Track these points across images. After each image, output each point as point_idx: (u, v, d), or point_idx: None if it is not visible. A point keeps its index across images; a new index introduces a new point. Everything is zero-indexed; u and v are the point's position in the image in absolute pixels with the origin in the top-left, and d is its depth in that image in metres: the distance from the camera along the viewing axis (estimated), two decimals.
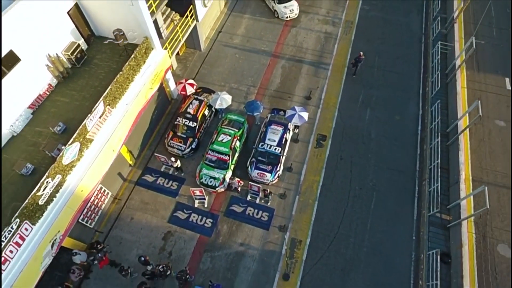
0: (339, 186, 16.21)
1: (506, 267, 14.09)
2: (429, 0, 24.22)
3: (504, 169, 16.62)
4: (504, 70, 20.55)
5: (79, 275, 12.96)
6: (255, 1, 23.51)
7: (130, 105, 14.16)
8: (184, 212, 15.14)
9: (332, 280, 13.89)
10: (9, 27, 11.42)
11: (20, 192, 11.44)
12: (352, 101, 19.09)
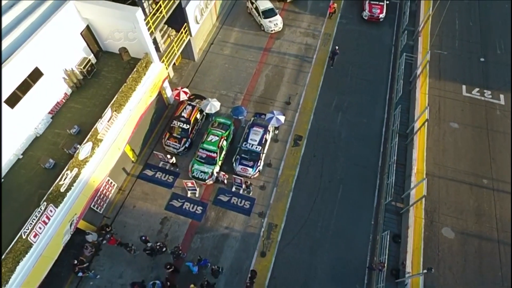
0: (311, 179, 18.92)
1: (447, 246, 16.85)
2: (400, 14, 27.03)
3: (453, 165, 19.38)
4: (462, 78, 23.29)
5: (91, 251, 15.70)
6: (244, 15, 26.22)
7: (133, 110, 16.87)
8: (179, 201, 17.88)
9: (302, 256, 16.61)
10: (34, 49, 14.12)
11: (44, 182, 14.11)
12: (326, 106, 21.80)
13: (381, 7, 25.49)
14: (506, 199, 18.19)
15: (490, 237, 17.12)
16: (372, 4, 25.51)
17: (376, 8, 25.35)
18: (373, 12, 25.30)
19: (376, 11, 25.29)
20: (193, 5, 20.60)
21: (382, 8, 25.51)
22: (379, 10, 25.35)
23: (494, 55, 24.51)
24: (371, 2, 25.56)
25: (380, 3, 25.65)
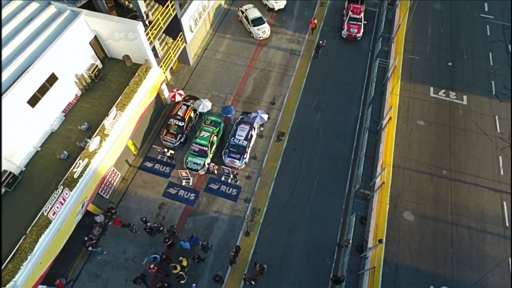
0: (291, 170, 21.48)
1: (407, 227, 19.47)
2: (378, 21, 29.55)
3: (417, 158, 22.03)
4: (431, 80, 25.88)
5: (99, 230, 18.28)
6: (235, 23, 28.77)
7: (135, 109, 19.42)
8: (174, 189, 20.45)
9: (281, 236, 19.16)
10: (52, 58, 16.68)
11: (60, 170, 16.63)
12: (307, 105, 24.36)
13: (358, 26, 27.37)
14: (461, 187, 20.82)
15: (444, 219, 19.73)
16: (350, 24, 27.42)
17: (354, 27, 27.31)
18: (351, 31, 27.30)
19: (354, 30, 27.29)
20: (188, 16, 23.16)
21: (360, 28, 27.39)
22: (357, 30, 27.29)
23: (461, 60, 27.09)
24: (350, 22, 27.46)
25: (358, 23, 27.49)
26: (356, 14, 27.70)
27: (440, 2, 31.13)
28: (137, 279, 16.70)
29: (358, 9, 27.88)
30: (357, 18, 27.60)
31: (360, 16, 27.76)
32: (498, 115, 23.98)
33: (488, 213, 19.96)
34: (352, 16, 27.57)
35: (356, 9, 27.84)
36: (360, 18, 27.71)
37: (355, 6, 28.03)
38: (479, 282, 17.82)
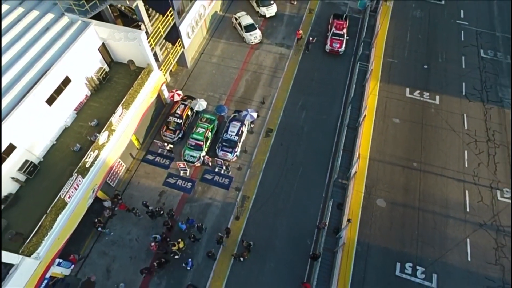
0: (278, 163, 23.97)
1: (379, 212, 21.94)
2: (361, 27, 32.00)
3: (391, 152, 24.50)
4: (407, 82, 28.34)
5: (109, 213, 20.83)
6: (229, 29, 31.26)
7: (138, 108, 21.93)
8: (173, 179, 22.96)
9: (267, 220, 21.65)
10: (66, 63, 19.16)
11: (73, 160, 19.09)
12: (294, 105, 26.84)
13: (341, 42, 29.20)
14: (429, 177, 23.32)
15: (412, 205, 22.22)
16: (333, 39, 29.26)
17: (336, 42, 29.16)
18: (333, 46, 29.14)
19: (336, 45, 29.13)
20: (186, 24, 25.66)
21: (342, 43, 29.19)
22: (339, 45, 29.12)
23: (436, 63, 29.56)
24: (333, 37, 29.35)
25: (340, 38, 29.35)
26: (339, 30, 29.71)
27: (420, 9, 33.64)
28: (143, 270, 19.13)
29: (341, 25, 29.97)
30: (340, 34, 29.55)
31: (342, 32, 29.67)
32: (467, 113, 26.46)
33: (452, 200, 22.46)
34: (335, 32, 29.58)
35: (339, 25, 29.95)
36: (342, 34, 29.61)
37: (338, 22, 30.17)
38: (440, 260, 20.31)
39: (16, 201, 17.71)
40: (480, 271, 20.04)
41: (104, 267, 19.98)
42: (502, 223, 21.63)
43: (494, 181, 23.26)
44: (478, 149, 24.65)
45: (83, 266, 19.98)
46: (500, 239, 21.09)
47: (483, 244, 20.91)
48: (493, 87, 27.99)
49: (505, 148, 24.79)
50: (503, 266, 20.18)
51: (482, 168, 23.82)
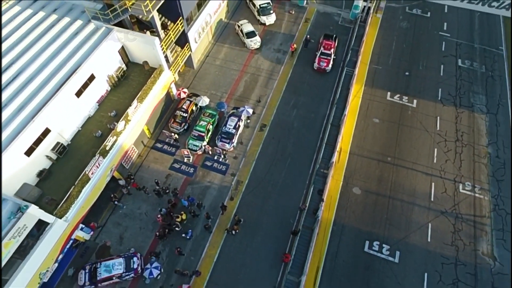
0: (269, 153, 27.49)
1: (355, 199, 25.33)
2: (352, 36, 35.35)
3: (369, 147, 27.84)
4: (389, 86, 31.66)
5: (126, 191, 24.57)
6: (232, 35, 34.91)
7: (150, 102, 25.65)
8: (178, 164, 26.63)
9: (257, 201, 25.18)
10: (92, 62, 22.96)
11: (95, 144, 22.87)
12: (286, 104, 30.33)
13: (328, 61, 31.55)
14: (400, 170, 26.64)
15: (384, 194, 25.57)
16: (321, 58, 31.69)
17: (323, 61, 31.58)
18: (320, 64, 31.56)
19: (323, 64, 31.55)
20: (193, 31, 29.36)
21: (329, 62, 31.52)
22: (326, 64, 31.51)
23: (417, 71, 32.84)
24: (320, 56, 31.80)
25: (327, 57, 31.70)
26: (327, 50, 32.13)
27: (407, 21, 36.94)
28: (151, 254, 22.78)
29: (329, 46, 32.38)
30: (327, 54, 31.95)
31: (330, 52, 32.00)
32: (440, 116, 29.71)
33: (419, 190, 25.76)
34: (323, 51, 32.01)
35: (327, 46, 32.37)
36: (330, 53, 31.93)
37: (327, 42, 32.58)
38: (404, 240, 23.66)
39: (49, 175, 21.55)
40: (437, 250, 23.34)
41: (117, 235, 23.72)
42: (461, 211, 24.89)
43: (458, 175, 26.51)
44: (447, 148, 27.90)
45: (100, 233, 23.75)
46: (457, 224, 24.36)
47: (442, 228, 24.20)
48: (466, 94, 31.18)
49: (471, 147, 28.00)
50: (458, 247, 23.46)
51: (449, 164, 27.08)
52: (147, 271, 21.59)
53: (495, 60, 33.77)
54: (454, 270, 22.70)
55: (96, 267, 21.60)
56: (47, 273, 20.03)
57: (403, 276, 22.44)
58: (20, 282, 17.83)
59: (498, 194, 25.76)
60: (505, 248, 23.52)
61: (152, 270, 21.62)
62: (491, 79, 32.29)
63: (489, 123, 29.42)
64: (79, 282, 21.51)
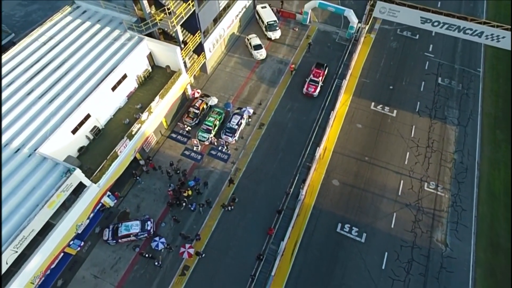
0: (265, 148, 32.61)
1: (333, 189, 30.13)
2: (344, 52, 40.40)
3: (351, 148, 32.60)
4: (374, 98, 36.44)
5: (146, 169, 30.15)
6: (242, 47, 40.52)
7: (169, 99, 31.28)
8: (188, 151, 32.08)
9: (252, 186, 30.24)
10: (126, 65, 28.77)
11: (124, 130, 28.53)
12: (283, 107, 35.50)
13: (315, 87, 35.28)
14: (375, 169, 31.30)
15: (358, 187, 30.25)
16: (309, 84, 35.49)
17: (311, 87, 35.34)
18: (308, 90, 35.38)
19: (311, 89, 35.30)
20: (209, 42, 35.08)
21: (316, 88, 35.24)
22: (313, 89, 35.25)
23: (400, 85, 37.55)
24: (309, 83, 35.58)
25: (315, 84, 35.41)
26: (316, 77, 35.79)
27: (396, 41, 41.81)
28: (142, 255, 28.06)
29: (318, 74, 36.05)
30: (316, 81, 35.63)
31: (318, 79, 35.61)
32: (415, 125, 34.27)
33: (389, 186, 30.33)
34: (312, 79, 35.79)
35: (316, 74, 36.07)
36: (318, 80, 35.56)
37: (317, 70, 36.25)
38: (370, 224, 28.24)
39: (86, 151, 27.28)
40: (398, 235, 27.82)
41: (135, 204, 29.19)
42: (423, 205, 29.31)
43: (424, 176, 30.98)
44: (418, 152, 32.42)
45: (122, 202, 29.28)
46: (418, 215, 28.79)
47: (405, 218, 28.68)
48: (442, 108, 35.68)
49: (439, 153, 32.44)
50: (416, 234, 27.88)
51: (418, 166, 31.57)
52: (154, 243, 26.59)
53: (471, 79, 38.17)
54: (410, 252, 27.12)
55: (118, 226, 27.09)
56: (81, 226, 25.58)
57: (367, 253, 27.01)
58: (63, 227, 23.39)
59: (457, 193, 30.08)
60: (456, 237, 27.80)
61: (159, 243, 26.73)
62: (465, 96, 36.71)
63: (459, 133, 33.81)
64: (103, 237, 27.01)
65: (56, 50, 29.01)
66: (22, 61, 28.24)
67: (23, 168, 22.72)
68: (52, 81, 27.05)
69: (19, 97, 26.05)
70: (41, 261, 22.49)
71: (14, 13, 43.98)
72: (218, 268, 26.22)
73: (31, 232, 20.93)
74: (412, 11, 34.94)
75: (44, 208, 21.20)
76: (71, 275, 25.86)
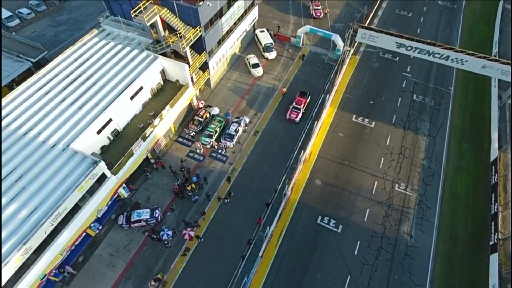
0: (259, 151, 37.70)
1: (315, 187, 34.94)
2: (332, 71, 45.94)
3: (333, 153, 37.55)
4: (355, 111, 41.63)
5: (156, 166, 35.28)
6: (242, 65, 46.32)
7: (177, 108, 36.76)
8: (192, 153, 37.27)
9: (246, 183, 35.14)
10: (142, 79, 34.43)
11: (139, 133, 33.85)
12: (276, 118, 40.77)
13: (297, 114, 39.40)
14: (353, 171, 36.09)
15: (338, 186, 35.00)
16: (292, 111, 39.80)
17: (293, 114, 39.54)
18: (291, 116, 39.46)
19: (293, 116, 39.42)
20: (213, 61, 40.87)
21: (298, 114, 39.35)
22: (295, 116, 39.40)
23: (379, 101, 42.76)
24: (292, 109, 39.88)
25: (297, 111, 39.58)
26: (298, 105, 40.04)
27: (378, 62, 47.36)
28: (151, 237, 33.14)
29: (300, 101, 40.30)
30: (298, 108, 39.89)
31: (300, 107, 39.77)
32: (391, 135, 39.22)
33: (364, 186, 35.01)
34: (295, 106, 40.04)
35: (299, 101, 40.35)
36: (300, 108, 39.72)
37: (299, 99, 40.54)
38: (346, 218, 32.80)
39: (107, 149, 32.58)
40: (370, 227, 32.32)
41: (146, 196, 34.19)
42: (393, 203, 33.88)
43: (396, 178, 35.66)
44: (391, 158, 37.23)
45: (134, 194, 34.31)
46: (389, 211, 33.33)
47: (377, 213, 33.23)
48: (415, 120, 40.69)
49: (410, 159, 37.22)
50: (385, 226, 32.36)
51: (391, 170, 36.32)
52: (162, 233, 31.33)
53: (443, 97, 43.31)
54: (380, 241, 31.55)
55: (130, 213, 32.03)
56: (101, 211, 30.55)
57: (342, 241, 31.49)
58: (87, 210, 28.42)
59: (424, 193, 34.65)
60: (420, 230, 32.21)
61: (166, 233, 31.53)
62: (436, 111, 41.75)
63: (428, 143, 38.66)
64: (118, 222, 31.93)
65: (85, 66, 34.86)
66: (57, 74, 34.12)
67: (58, 160, 28.01)
68: (82, 91, 32.73)
69: (55, 103, 31.69)
70: (69, 236, 27.43)
71: (45, 33, 50.60)
72: (214, 250, 30.86)
73: (64, 210, 25.99)
74: (389, 37, 40.42)
75: (75, 191, 26.34)
76: (90, 252, 30.66)
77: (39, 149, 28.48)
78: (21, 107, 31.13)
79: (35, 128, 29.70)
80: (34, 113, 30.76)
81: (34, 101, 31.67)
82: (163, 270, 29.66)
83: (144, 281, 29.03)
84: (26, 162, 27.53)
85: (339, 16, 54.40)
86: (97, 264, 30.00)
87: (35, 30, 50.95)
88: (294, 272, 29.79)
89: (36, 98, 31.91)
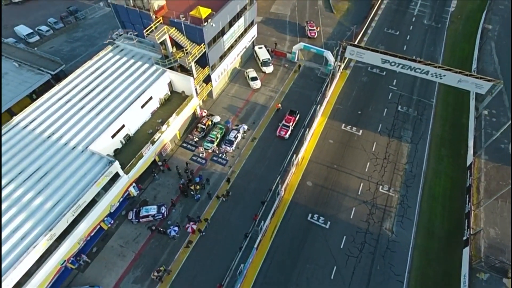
0: (256, 156, 41.47)
1: (307, 188, 38.57)
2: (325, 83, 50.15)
3: (323, 158, 41.31)
4: (345, 120, 45.58)
5: (163, 169, 39.04)
6: (242, 78, 50.65)
7: (182, 116, 40.79)
8: (195, 157, 41.06)
9: (243, 184, 38.77)
10: (152, 90, 38.60)
11: (148, 138, 37.73)
12: (272, 126, 44.69)
13: (286, 131, 42.42)
14: (341, 174, 39.73)
15: (327, 187, 38.59)
16: (281, 128, 42.80)
17: (283, 131, 42.52)
18: (280, 133, 42.51)
19: (282, 133, 42.41)
20: (215, 74, 45.18)
21: (287, 132, 42.36)
22: (284, 133, 42.41)
23: (367, 111, 46.74)
24: (281, 127, 42.88)
25: (286, 128, 42.59)
26: (287, 123, 43.06)
27: (367, 77, 51.61)
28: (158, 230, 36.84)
29: (289, 120, 43.30)
30: (287, 125, 42.88)
31: (289, 124, 42.73)
32: (376, 142, 43.00)
33: (351, 187, 38.58)
34: (284, 123, 43.11)
35: (288, 120, 43.40)
36: (289, 125, 42.67)
37: (289, 117, 43.58)
38: (334, 215, 36.25)
39: (120, 152, 36.45)
40: (355, 224, 35.73)
41: (153, 195, 37.83)
42: (377, 203, 37.37)
43: (380, 180, 39.25)
44: (376, 162, 40.91)
45: (143, 193, 37.97)
46: (373, 210, 36.79)
47: (362, 211, 36.69)
48: (399, 129, 44.54)
49: (393, 164, 40.88)
50: (369, 223, 35.77)
51: (375, 173, 39.95)
52: (169, 230, 34.82)
53: (425, 108, 47.29)
54: (364, 236, 34.91)
55: (139, 209, 35.61)
56: (114, 207, 34.15)
57: (329, 236, 34.86)
58: (102, 204, 32.05)
59: (405, 194, 38.17)
60: (401, 227, 35.57)
61: (172, 230, 35.06)
62: (419, 121, 45.64)
63: (410, 149, 42.38)
64: (128, 217, 35.50)
65: (101, 78, 39.13)
66: (77, 84, 38.38)
67: (78, 159, 31.86)
68: (98, 100, 36.85)
69: (75, 110, 35.78)
70: (86, 226, 31.00)
71: (62, 48, 55.35)
72: (214, 243, 34.27)
73: (84, 203, 29.67)
74: (374, 54, 44.82)
75: (93, 186, 30.07)
76: (103, 244, 34.12)
77: (61, 150, 32.39)
78: (45, 113, 35.25)
79: (57, 132, 33.69)
80: (57, 119, 34.83)
81: (57, 108, 35.81)
82: (168, 260, 33.05)
83: (151, 270, 32.34)
84: (50, 161, 31.41)
85: (331, 34, 59.11)
86: (109, 254, 33.41)
87: (53, 45, 55.73)
88: (286, 262, 33.10)
89: (58, 106, 36.06)
